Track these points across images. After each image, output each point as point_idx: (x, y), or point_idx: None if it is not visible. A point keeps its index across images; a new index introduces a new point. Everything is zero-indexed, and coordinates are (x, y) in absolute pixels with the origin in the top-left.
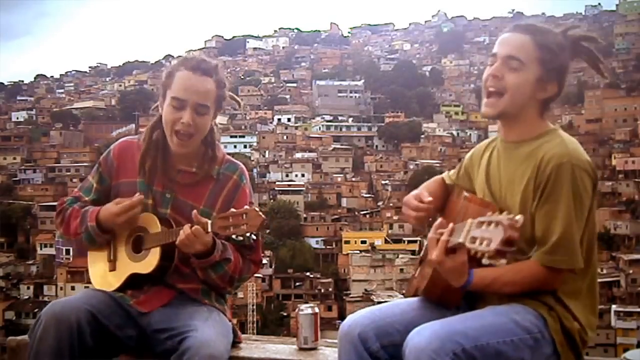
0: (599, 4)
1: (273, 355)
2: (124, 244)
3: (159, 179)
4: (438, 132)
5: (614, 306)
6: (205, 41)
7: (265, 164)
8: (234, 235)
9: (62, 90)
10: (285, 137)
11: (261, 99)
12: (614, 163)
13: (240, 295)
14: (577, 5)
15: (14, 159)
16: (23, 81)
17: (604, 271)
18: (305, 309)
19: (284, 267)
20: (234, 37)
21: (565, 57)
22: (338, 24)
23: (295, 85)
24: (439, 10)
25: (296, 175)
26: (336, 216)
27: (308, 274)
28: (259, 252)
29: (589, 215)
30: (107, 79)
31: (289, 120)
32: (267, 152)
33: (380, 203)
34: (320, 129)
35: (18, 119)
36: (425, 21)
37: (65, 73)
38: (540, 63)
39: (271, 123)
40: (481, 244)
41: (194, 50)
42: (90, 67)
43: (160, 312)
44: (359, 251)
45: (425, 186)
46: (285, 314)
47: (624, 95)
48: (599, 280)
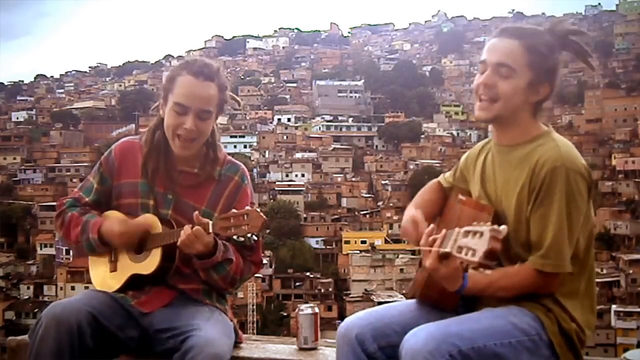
0: (599, 4)
1: (273, 355)
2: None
3: (161, 180)
4: (438, 132)
5: (614, 306)
6: (205, 41)
7: (265, 164)
8: (235, 236)
9: (62, 90)
10: (285, 137)
11: (261, 99)
12: (614, 163)
13: (240, 295)
14: (577, 5)
15: (14, 159)
16: (23, 81)
17: (604, 271)
18: (305, 309)
19: (284, 267)
20: (234, 37)
21: (555, 57)
22: (338, 24)
23: (295, 85)
24: (439, 10)
25: (296, 175)
26: (336, 216)
27: (308, 274)
28: (259, 253)
29: (585, 218)
30: (107, 79)
31: (289, 120)
32: (267, 152)
33: (380, 203)
34: (320, 129)
35: (18, 119)
36: (425, 21)
37: (65, 73)
38: (531, 67)
39: (271, 123)
40: (467, 254)
41: (194, 50)
42: (90, 67)
43: (162, 312)
44: (359, 251)
45: (421, 195)
46: (285, 314)
47: (624, 95)
48: (599, 280)
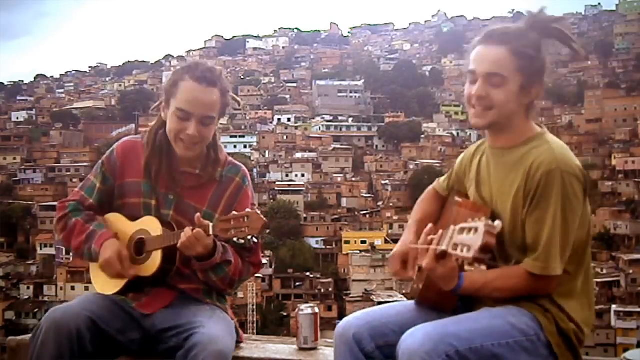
0: (599, 4)
1: (273, 355)
2: (125, 248)
3: (163, 181)
4: (438, 132)
5: (614, 306)
6: (205, 41)
7: (265, 164)
8: (235, 238)
9: (62, 90)
10: (285, 137)
11: (261, 99)
12: (614, 163)
13: (240, 295)
14: (577, 5)
15: (14, 159)
16: (23, 81)
17: (604, 271)
18: (305, 309)
19: (284, 267)
20: (234, 37)
21: (542, 56)
22: (338, 24)
23: (295, 85)
24: (439, 10)
25: (296, 175)
26: (336, 216)
27: (308, 274)
28: (258, 254)
29: (582, 219)
30: (107, 79)
31: (289, 120)
32: (267, 152)
33: (380, 203)
34: (320, 129)
35: (18, 119)
36: (425, 21)
37: (65, 73)
38: (521, 71)
39: (271, 123)
40: (462, 251)
41: (194, 51)
42: (90, 67)
43: (164, 313)
44: (359, 251)
45: (419, 206)
46: (285, 314)
47: (624, 95)
48: (599, 280)
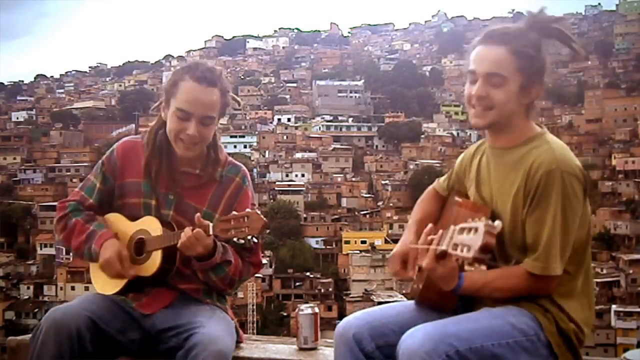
0: (599, 4)
1: (273, 355)
2: (125, 248)
3: (163, 181)
4: (438, 132)
5: (614, 306)
6: (205, 41)
7: (265, 164)
8: (235, 238)
9: (62, 90)
10: (285, 137)
11: (261, 99)
12: (614, 163)
13: (240, 295)
14: (577, 5)
15: (14, 159)
16: (23, 81)
17: (604, 271)
18: (305, 309)
19: (284, 267)
20: (234, 37)
21: (542, 56)
22: (338, 24)
23: (295, 85)
24: (439, 10)
25: (296, 175)
26: (336, 216)
27: (308, 274)
28: (258, 254)
29: (582, 219)
30: (107, 79)
31: (289, 120)
32: (267, 152)
33: (380, 203)
34: (320, 129)
35: (18, 119)
36: (425, 21)
37: (65, 73)
38: (521, 71)
39: (271, 123)
40: (462, 251)
41: (194, 51)
42: (90, 67)
43: (164, 313)
44: (359, 251)
45: (420, 206)
46: (285, 314)
47: (624, 95)
48: (599, 280)
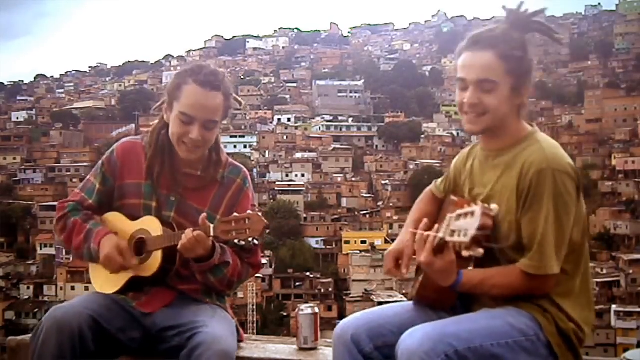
0: (599, 4)
1: (273, 355)
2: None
3: (165, 182)
4: (438, 132)
5: (614, 306)
6: (205, 41)
7: (265, 164)
8: (235, 240)
9: (62, 90)
10: (285, 137)
11: (261, 99)
12: (614, 163)
13: (240, 295)
14: (577, 5)
15: (14, 159)
16: (23, 81)
17: (604, 271)
18: (305, 309)
19: (284, 267)
20: (234, 37)
21: (530, 56)
22: (338, 24)
23: (295, 85)
24: (439, 10)
25: (296, 175)
26: (336, 216)
27: (308, 274)
28: (258, 256)
29: (577, 217)
30: (107, 79)
31: (289, 120)
32: (267, 152)
33: (380, 203)
34: (320, 129)
35: (18, 119)
36: (425, 21)
37: (65, 73)
38: (510, 74)
39: (271, 123)
40: (459, 236)
41: (194, 51)
42: (90, 67)
43: (164, 312)
44: (359, 251)
45: (417, 206)
46: (285, 314)
47: (624, 95)
48: (599, 280)
